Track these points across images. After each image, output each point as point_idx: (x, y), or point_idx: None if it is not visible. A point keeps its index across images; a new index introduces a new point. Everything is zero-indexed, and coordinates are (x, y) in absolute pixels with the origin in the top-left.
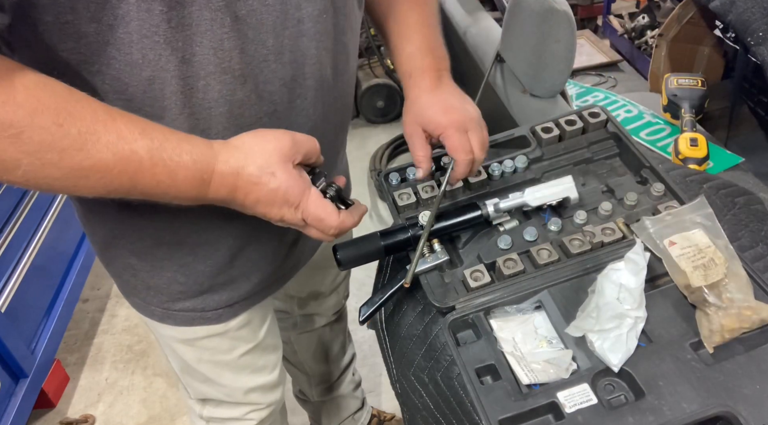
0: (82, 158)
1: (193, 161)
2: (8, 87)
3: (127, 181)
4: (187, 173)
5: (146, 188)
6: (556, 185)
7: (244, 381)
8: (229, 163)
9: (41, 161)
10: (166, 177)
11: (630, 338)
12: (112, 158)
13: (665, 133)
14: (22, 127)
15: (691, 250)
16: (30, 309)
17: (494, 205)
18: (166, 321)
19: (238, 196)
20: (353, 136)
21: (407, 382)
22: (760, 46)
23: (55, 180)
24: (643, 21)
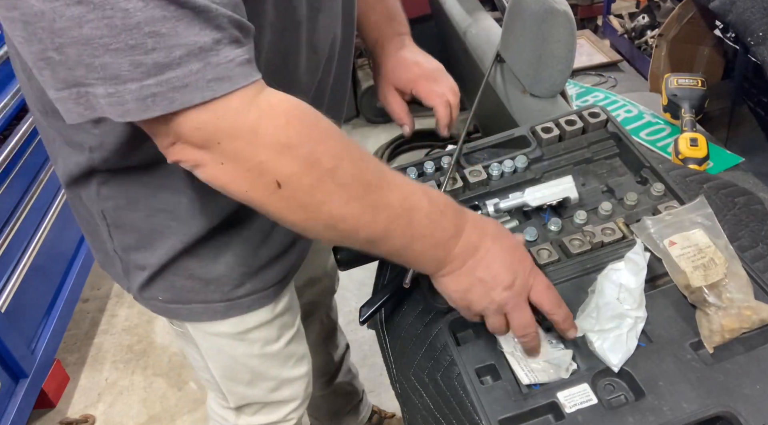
0: (380, 195)
1: (452, 203)
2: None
3: (405, 222)
4: (450, 212)
5: (417, 229)
6: (556, 185)
7: (290, 372)
8: (477, 220)
9: (349, 194)
10: (437, 215)
11: (630, 338)
12: (401, 199)
13: (665, 133)
14: (341, 159)
15: (691, 250)
16: (30, 309)
17: (494, 205)
18: (229, 314)
19: (484, 245)
20: (353, 136)
21: (407, 382)
22: (760, 46)
23: (351, 217)
24: (643, 21)
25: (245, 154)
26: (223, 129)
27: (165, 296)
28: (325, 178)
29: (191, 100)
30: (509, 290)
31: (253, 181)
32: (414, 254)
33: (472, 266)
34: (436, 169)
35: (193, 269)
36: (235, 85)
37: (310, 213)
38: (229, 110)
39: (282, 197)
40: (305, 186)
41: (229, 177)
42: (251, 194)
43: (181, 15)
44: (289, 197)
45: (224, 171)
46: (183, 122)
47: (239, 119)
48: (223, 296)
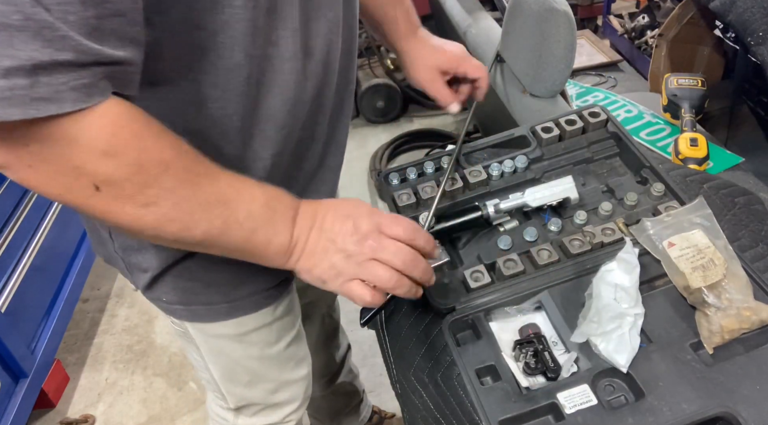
0: (209, 193)
1: (285, 193)
2: (149, 133)
3: (244, 215)
4: (287, 198)
5: (257, 220)
6: (557, 185)
7: (289, 374)
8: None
9: (177, 196)
10: (274, 202)
11: (632, 336)
12: (233, 193)
13: (665, 133)
14: (169, 163)
15: (690, 251)
16: (30, 309)
17: (494, 206)
18: (232, 315)
19: (319, 212)
20: (353, 136)
21: (407, 382)
22: (760, 46)
23: (181, 217)
24: (643, 21)
25: (58, 159)
26: (36, 134)
27: (168, 297)
28: (149, 182)
29: (10, 114)
30: (356, 234)
31: (68, 184)
32: (259, 247)
33: (315, 238)
34: (436, 169)
35: (194, 271)
36: (62, 109)
37: (134, 215)
38: (48, 121)
39: (101, 200)
40: (128, 191)
41: (40, 180)
42: (67, 196)
43: (22, 26)
44: (110, 200)
45: (33, 173)
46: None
47: (57, 128)
48: (226, 298)
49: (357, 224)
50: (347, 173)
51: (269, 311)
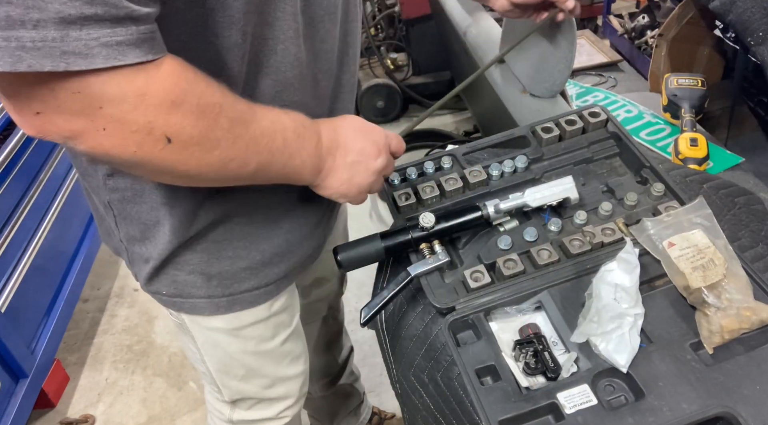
0: (255, 127)
1: (304, 117)
2: (199, 79)
3: (281, 141)
4: (308, 122)
5: (291, 144)
6: (557, 185)
7: (285, 370)
8: (324, 120)
9: (233, 134)
10: (302, 129)
11: (632, 336)
12: (269, 123)
13: (665, 133)
14: (221, 105)
15: (690, 251)
16: (30, 309)
17: (494, 206)
18: (232, 309)
19: (341, 136)
20: None
21: (407, 382)
22: (760, 46)
23: (239, 154)
24: (643, 21)
25: (131, 117)
26: (108, 94)
27: (169, 290)
28: (211, 125)
29: (41, 65)
30: (379, 155)
31: (141, 140)
32: (295, 169)
33: (342, 156)
34: (436, 169)
35: (195, 264)
36: (92, 64)
37: (202, 160)
38: (113, 76)
39: (173, 151)
40: (195, 137)
41: (114, 142)
42: (140, 153)
43: None
44: (180, 150)
45: (107, 136)
46: (59, 85)
47: (125, 84)
48: (225, 291)
49: (376, 141)
50: None
51: (266, 306)
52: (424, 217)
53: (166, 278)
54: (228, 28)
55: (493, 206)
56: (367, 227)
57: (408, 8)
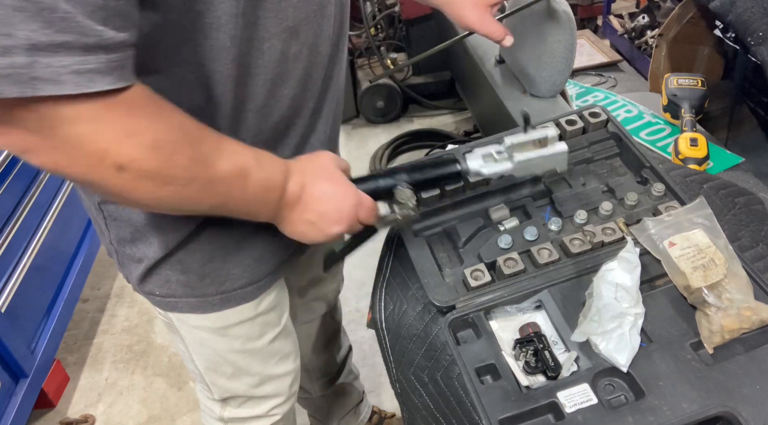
0: (214, 171)
1: (279, 164)
2: (162, 114)
3: (240, 189)
4: (279, 176)
5: (251, 195)
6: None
7: (273, 368)
8: (297, 165)
9: (189, 174)
10: (267, 182)
11: (633, 335)
12: (233, 167)
13: (665, 133)
14: (181, 142)
15: (691, 250)
16: (30, 309)
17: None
18: (225, 306)
19: (306, 193)
20: (353, 136)
21: (407, 382)
22: (760, 46)
23: (192, 195)
24: (643, 21)
25: (85, 141)
26: (64, 116)
27: (162, 291)
28: (167, 162)
29: (8, 91)
30: (339, 224)
31: (93, 165)
32: (250, 214)
33: (301, 212)
34: None
35: (189, 263)
36: (61, 91)
37: (153, 193)
38: (73, 100)
39: (125, 179)
40: (148, 171)
41: (66, 162)
42: (90, 176)
43: (21, 6)
44: (133, 179)
45: (59, 155)
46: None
47: (83, 109)
48: (219, 289)
49: (341, 209)
50: None
51: (252, 305)
52: (400, 193)
53: (159, 279)
54: (216, 31)
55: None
56: None
57: (408, 8)
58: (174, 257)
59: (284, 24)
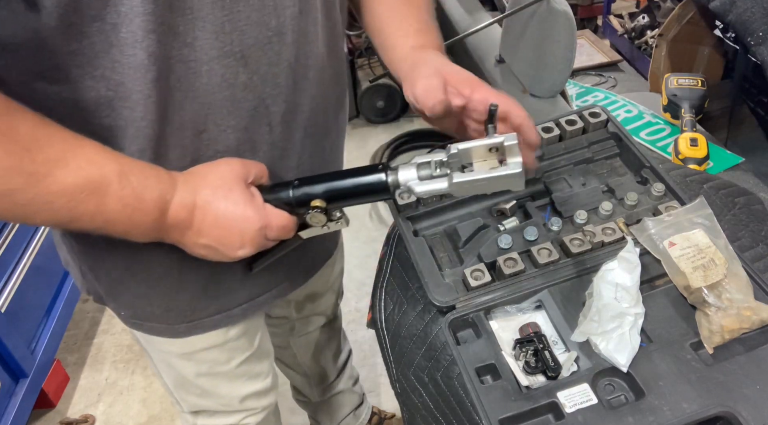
0: (51, 184)
1: (158, 181)
2: None
3: (93, 206)
4: (153, 194)
5: (111, 213)
6: (501, 170)
7: (241, 389)
8: (189, 182)
9: (9, 185)
10: (133, 200)
11: (633, 335)
12: (82, 182)
13: (665, 133)
14: None
15: (691, 250)
16: (30, 309)
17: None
18: (193, 333)
19: (197, 216)
20: (353, 136)
21: (407, 382)
22: (760, 46)
23: (22, 208)
24: (643, 21)
25: None
26: None
27: (127, 313)
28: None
29: None
30: (243, 248)
31: None
32: (118, 233)
33: (193, 237)
34: None
35: (153, 297)
36: None
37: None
38: None
39: None
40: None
41: None
42: None
43: None
44: None
45: None
46: None
47: None
48: (185, 319)
49: (243, 232)
50: None
51: (221, 332)
52: (313, 217)
53: (124, 303)
54: (132, 46)
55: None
56: (368, 228)
57: None
58: (137, 291)
59: (227, 49)
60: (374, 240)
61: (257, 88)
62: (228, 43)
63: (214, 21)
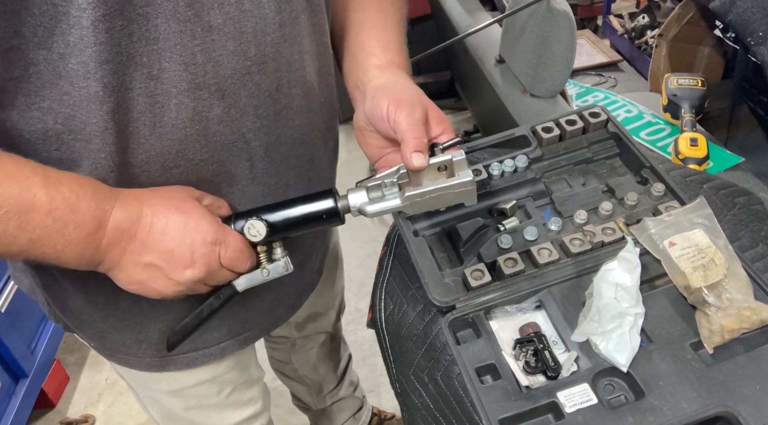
0: None
1: (96, 190)
2: None
3: (14, 225)
4: (90, 203)
5: (38, 230)
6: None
7: (231, 418)
8: (134, 192)
9: None
10: (65, 212)
11: (633, 335)
12: (2, 198)
13: (665, 133)
14: None
15: (691, 250)
16: (30, 309)
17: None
18: (166, 369)
19: (143, 227)
20: (353, 136)
21: (407, 382)
22: (760, 46)
23: None
24: (643, 21)
25: None
26: None
27: (97, 344)
28: None
29: None
30: (192, 267)
31: None
32: (47, 256)
33: (137, 253)
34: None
35: (121, 329)
36: None
37: None
38: None
39: None
40: None
41: None
42: None
43: None
44: None
45: None
46: None
47: None
48: (157, 354)
49: (194, 248)
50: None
51: (209, 369)
52: (251, 227)
53: (92, 334)
54: (84, 78)
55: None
56: (368, 228)
57: (408, 8)
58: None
59: (199, 80)
60: (374, 240)
61: (236, 121)
62: (200, 74)
63: (183, 51)
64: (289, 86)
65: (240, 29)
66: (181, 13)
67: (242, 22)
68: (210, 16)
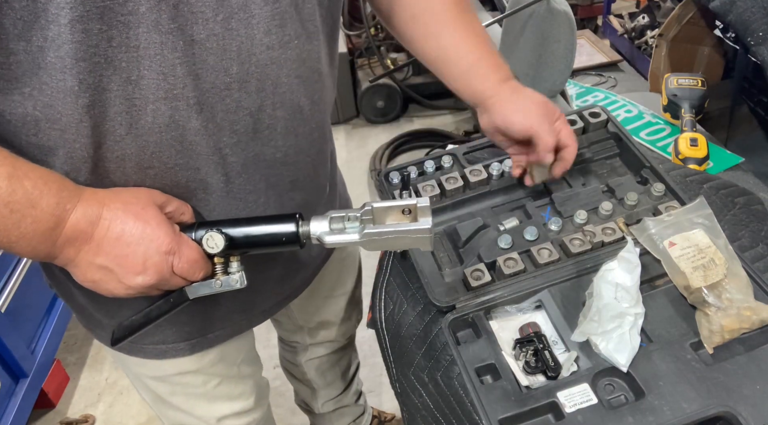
0: None
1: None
2: None
3: None
4: (50, 201)
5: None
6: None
7: (219, 410)
8: (98, 194)
9: None
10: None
11: (633, 335)
12: None
13: (665, 133)
14: None
15: (691, 250)
16: (30, 309)
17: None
18: (135, 354)
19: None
20: (353, 136)
21: (407, 382)
22: (760, 46)
23: None
24: (643, 21)
25: None
26: None
27: (78, 315)
28: None
29: None
30: (144, 274)
31: None
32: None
33: (91, 254)
34: (436, 168)
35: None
36: None
37: None
38: None
39: None
40: None
41: None
42: None
43: None
44: None
45: None
46: None
47: None
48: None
49: (147, 255)
50: (347, 173)
51: (192, 359)
52: (209, 239)
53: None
54: (61, 72)
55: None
56: None
57: None
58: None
59: (177, 92)
60: None
61: (212, 135)
62: (180, 86)
63: (163, 62)
64: (274, 108)
65: (223, 46)
66: (164, 25)
67: (227, 39)
68: (193, 31)
